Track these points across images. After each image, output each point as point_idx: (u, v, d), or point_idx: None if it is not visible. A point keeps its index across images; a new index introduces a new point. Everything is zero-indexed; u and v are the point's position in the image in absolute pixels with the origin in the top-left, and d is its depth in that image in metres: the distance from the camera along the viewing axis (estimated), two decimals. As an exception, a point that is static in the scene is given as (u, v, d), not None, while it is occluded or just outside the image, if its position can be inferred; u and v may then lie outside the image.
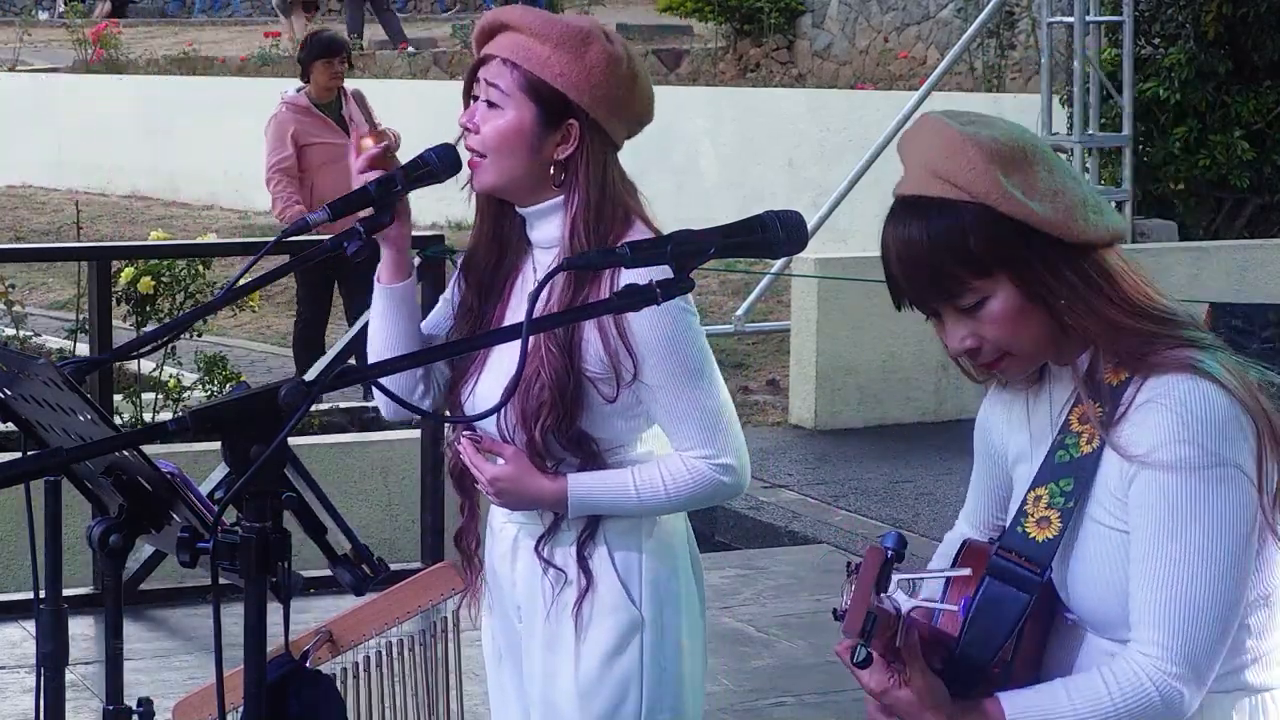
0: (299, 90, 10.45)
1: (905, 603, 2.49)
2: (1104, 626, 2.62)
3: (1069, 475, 2.63)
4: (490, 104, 3.28)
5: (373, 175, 3.29)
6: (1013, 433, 2.78)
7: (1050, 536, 2.62)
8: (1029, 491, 2.66)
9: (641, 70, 3.35)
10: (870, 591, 2.43)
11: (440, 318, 3.47)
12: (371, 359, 3.38)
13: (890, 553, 2.47)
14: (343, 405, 9.38)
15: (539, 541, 3.33)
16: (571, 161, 3.27)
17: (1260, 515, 2.56)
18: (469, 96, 3.34)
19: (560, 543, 3.33)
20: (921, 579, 2.59)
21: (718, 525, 8.48)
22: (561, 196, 3.29)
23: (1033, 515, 2.64)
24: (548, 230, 3.33)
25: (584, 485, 3.25)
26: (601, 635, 3.30)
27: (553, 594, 3.32)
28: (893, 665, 2.50)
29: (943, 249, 2.57)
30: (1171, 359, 2.57)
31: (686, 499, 3.29)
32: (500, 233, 3.38)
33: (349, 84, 10.65)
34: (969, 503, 2.91)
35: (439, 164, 3.30)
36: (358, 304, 9.65)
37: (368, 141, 3.33)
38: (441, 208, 14.93)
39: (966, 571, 2.64)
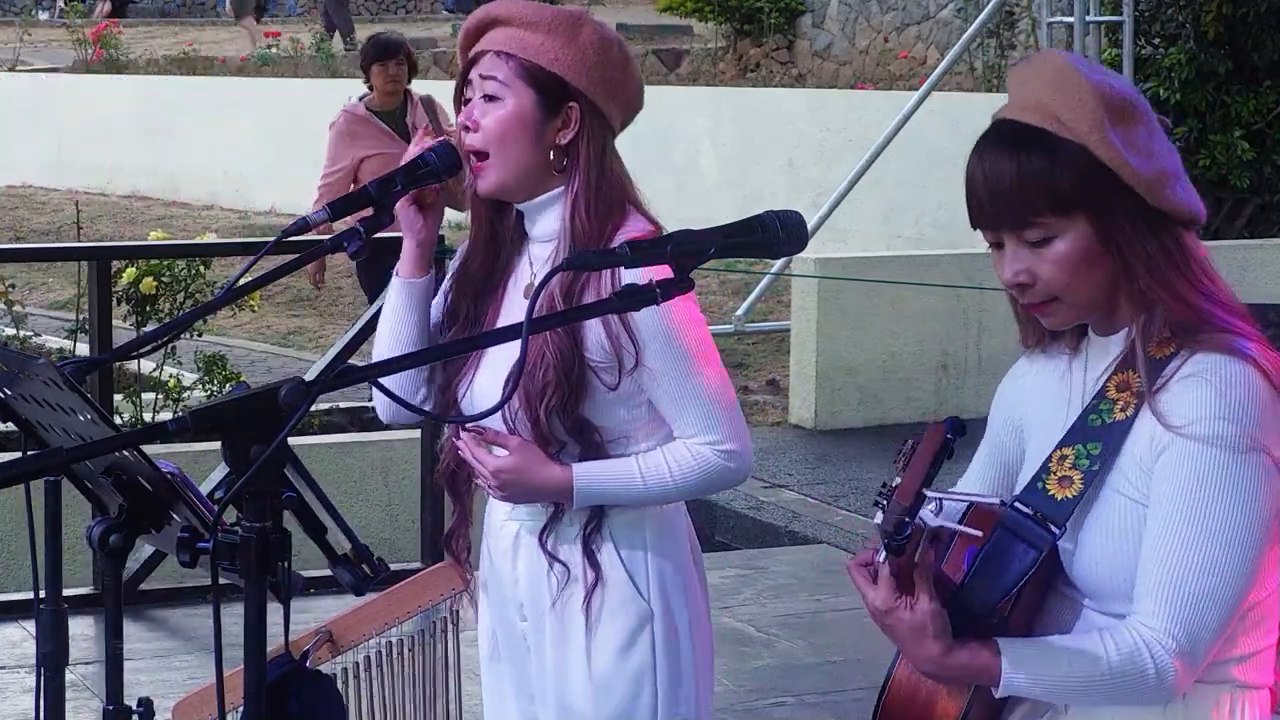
0: (361, 98, 9.87)
1: (931, 520, 2.48)
2: (1103, 597, 2.61)
3: (1098, 440, 2.62)
4: (489, 97, 3.29)
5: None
6: (1037, 402, 2.77)
7: (1070, 496, 2.61)
8: (1055, 450, 2.66)
9: (631, 56, 3.37)
10: (927, 467, 2.43)
11: (434, 316, 3.47)
12: (378, 354, 3.38)
13: (950, 437, 2.46)
14: (343, 405, 9.38)
15: (543, 536, 3.33)
16: (573, 145, 3.28)
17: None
18: (461, 99, 3.34)
19: (564, 538, 3.32)
20: (950, 498, 2.59)
21: (718, 525, 8.47)
22: (562, 186, 3.30)
23: (1056, 473, 2.64)
24: (548, 223, 3.33)
25: (589, 474, 3.25)
26: (613, 629, 3.31)
27: (558, 590, 3.32)
28: (900, 587, 2.50)
29: (1030, 179, 2.57)
30: (1219, 340, 2.57)
31: (693, 486, 3.29)
32: (496, 234, 3.38)
33: (421, 87, 10.08)
34: (971, 473, 2.89)
35: (439, 163, 3.30)
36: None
37: (427, 142, 3.33)
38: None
39: (995, 500, 2.65)
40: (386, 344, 3.39)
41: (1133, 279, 2.60)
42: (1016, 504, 2.65)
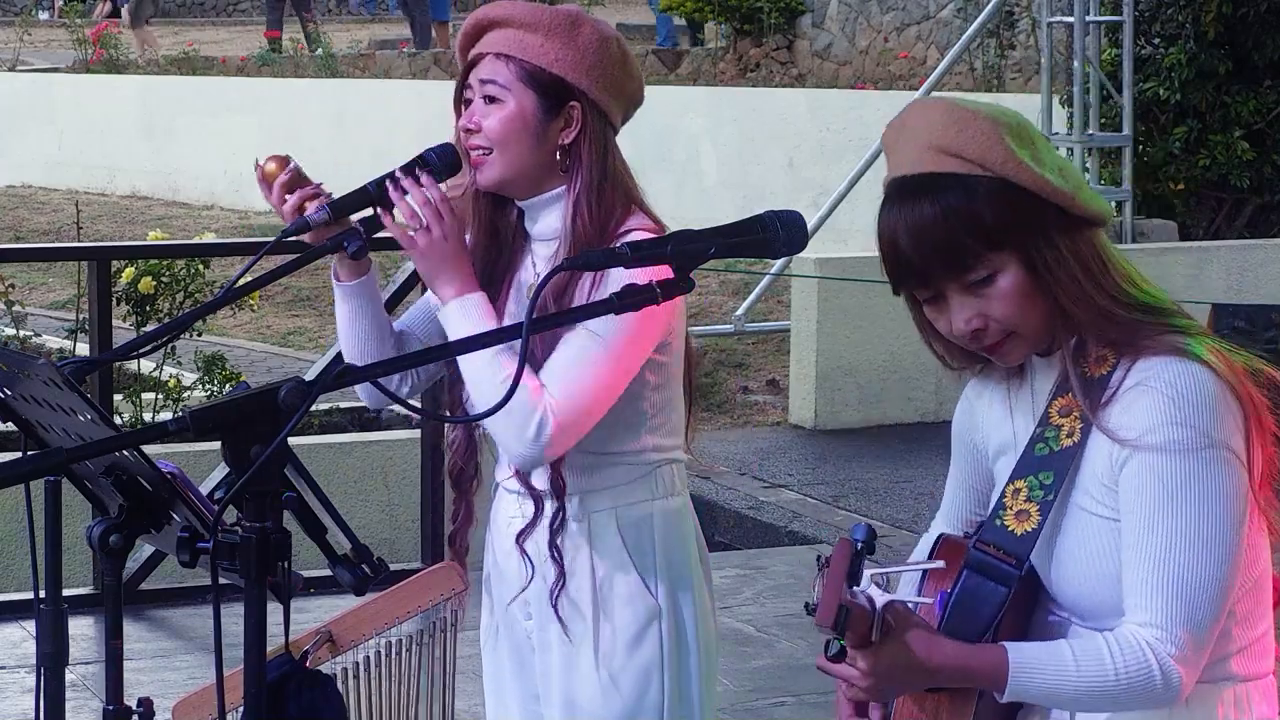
0: None
1: (880, 597, 2.47)
2: (1091, 616, 2.61)
3: (1048, 468, 2.62)
4: (489, 99, 3.28)
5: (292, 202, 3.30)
6: (994, 426, 2.77)
7: (1029, 530, 2.61)
8: (1008, 484, 2.66)
9: (630, 53, 3.36)
10: (842, 584, 2.41)
11: (420, 314, 3.46)
12: (348, 359, 3.39)
13: (860, 544, 2.45)
14: (343, 405, 9.38)
15: (551, 535, 3.32)
16: (575, 145, 3.28)
17: (1250, 498, 2.56)
18: (460, 102, 3.33)
19: (570, 535, 3.32)
20: (895, 572, 2.58)
21: (718, 525, 8.47)
22: (564, 185, 3.29)
23: (1011, 508, 2.63)
24: (549, 221, 3.32)
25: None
26: (621, 625, 3.31)
27: (562, 587, 3.32)
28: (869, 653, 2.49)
29: (956, 222, 2.55)
30: (1159, 343, 2.57)
31: None
32: (497, 231, 3.38)
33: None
34: (946, 501, 2.90)
35: (439, 163, 3.30)
36: None
37: (270, 165, 3.35)
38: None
39: (940, 564, 2.63)
40: (352, 351, 3.40)
41: (1059, 303, 2.58)
42: (978, 543, 2.64)
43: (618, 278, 2.97)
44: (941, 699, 2.61)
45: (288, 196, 3.35)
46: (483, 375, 3.18)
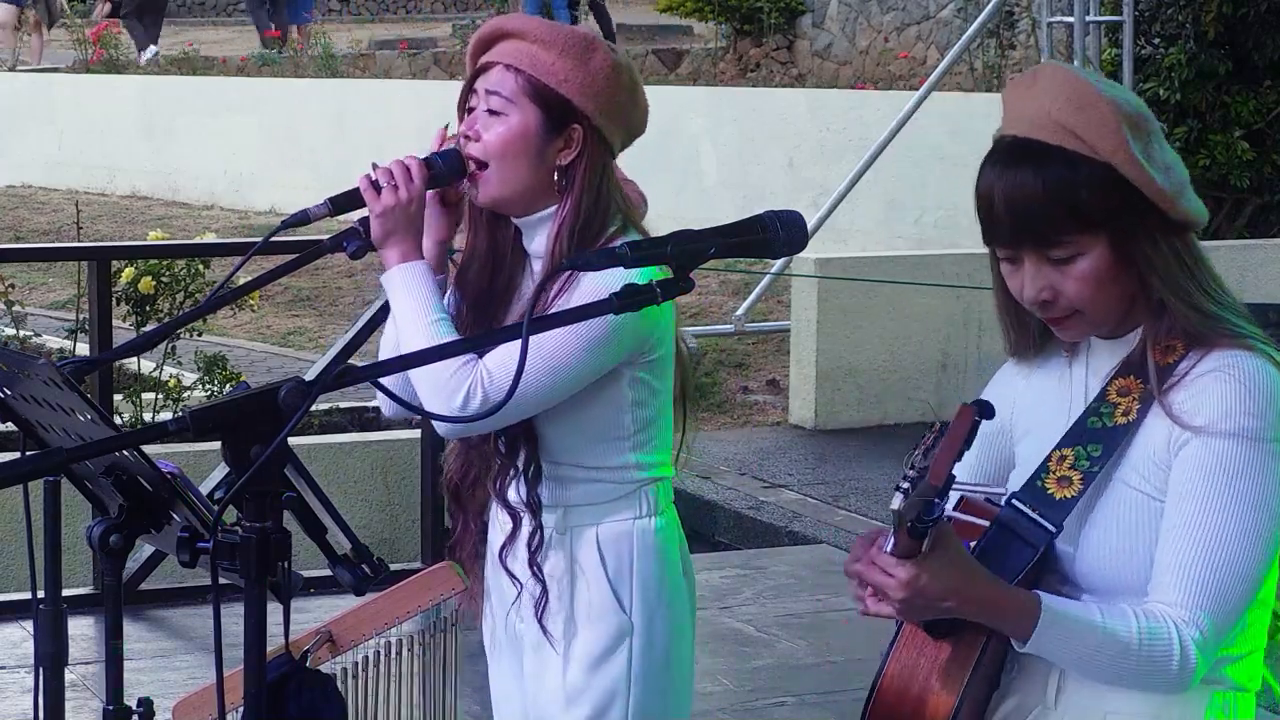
0: None
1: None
2: (1107, 593, 2.60)
3: (1098, 442, 2.62)
4: (492, 111, 3.27)
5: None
6: (1031, 405, 2.77)
7: (1069, 496, 2.61)
8: (1054, 450, 2.65)
9: (640, 82, 3.36)
10: (958, 450, 2.39)
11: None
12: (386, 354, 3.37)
13: (978, 418, 2.43)
14: (343, 405, 9.38)
15: (531, 553, 3.32)
16: (572, 167, 3.27)
17: None
18: (465, 109, 3.33)
19: (552, 549, 3.32)
20: (957, 491, 2.54)
21: (718, 525, 8.47)
22: (556, 205, 3.29)
23: (1055, 473, 2.64)
24: (543, 240, 3.31)
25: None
26: (590, 639, 3.30)
27: (543, 596, 3.31)
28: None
29: (1054, 198, 2.56)
30: (1235, 339, 2.59)
31: None
32: (495, 245, 3.37)
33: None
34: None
35: (443, 167, 3.29)
36: None
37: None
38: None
39: (1002, 490, 2.63)
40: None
41: (1149, 290, 2.60)
42: (1014, 501, 2.64)
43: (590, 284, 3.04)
44: (945, 645, 2.58)
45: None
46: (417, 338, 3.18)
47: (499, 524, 3.40)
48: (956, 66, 13.35)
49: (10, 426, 2.78)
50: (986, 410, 2.46)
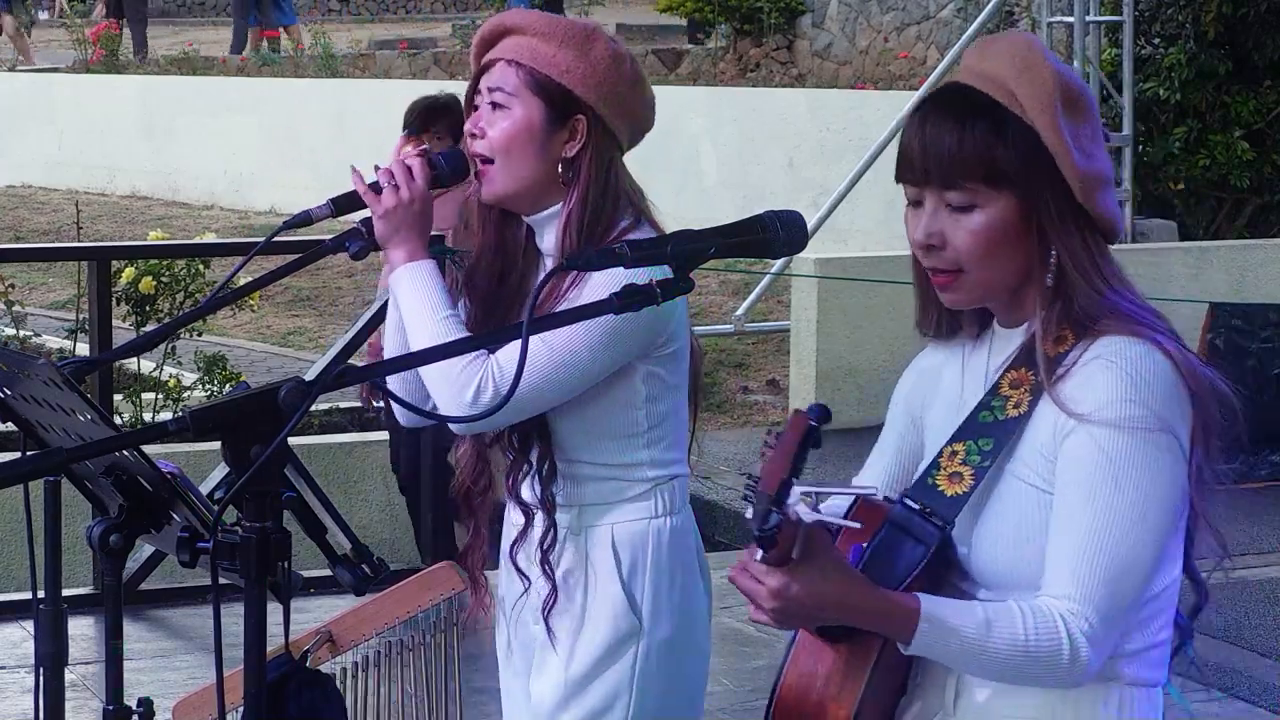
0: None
1: (808, 516, 2.41)
2: (1002, 588, 2.57)
3: (989, 435, 2.59)
4: (496, 105, 3.27)
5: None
6: (938, 394, 2.75)
7: (960, 492, 2.58)
8: (945, 446, 2.63)
9: (643, 75, 3.36)
10: (792, 455, 2.34)
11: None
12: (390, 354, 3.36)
13: (814, 424, 2.38)
14: (343, 405, 9.38)
15: (544, 552, 3.30)
16: (577, 159, 3.27)
17: (1184, 496, 2.54)
18: (471, 107, 3.33)
19: (567, 547, 3.31)
20: (827, 493, 2.51)
21: (718, 525, 8.47)
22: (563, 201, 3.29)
23: (946, 469, 2.61)
24: (553, 237, 3.30)
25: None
26: (596, 639, 3.27)
27: (551, 595, 3.30)
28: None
29: (971, 144, 2.56)
30: (1124, 326, 2.56)
31: None
32: (504, 243, 3.36)
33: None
34: (870, 466, 2.84)
35: (446, 168, 3.29)
36: None
37: (409, 150, 3.32)
38: (441, 208, 14.90)
39: (874, 489, 2.58)
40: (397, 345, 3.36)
41: (1046, 267, 2.57)
42: (905, 499, 2.62)
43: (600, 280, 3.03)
44: (841, 649, 2.55)
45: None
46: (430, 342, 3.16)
47: (512, 522, 3.39)
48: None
49: (10, 426, 2.78)
50: (821, 415, 2.40)
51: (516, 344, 3.10)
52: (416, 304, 3.22)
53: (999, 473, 2.59)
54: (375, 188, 3.24)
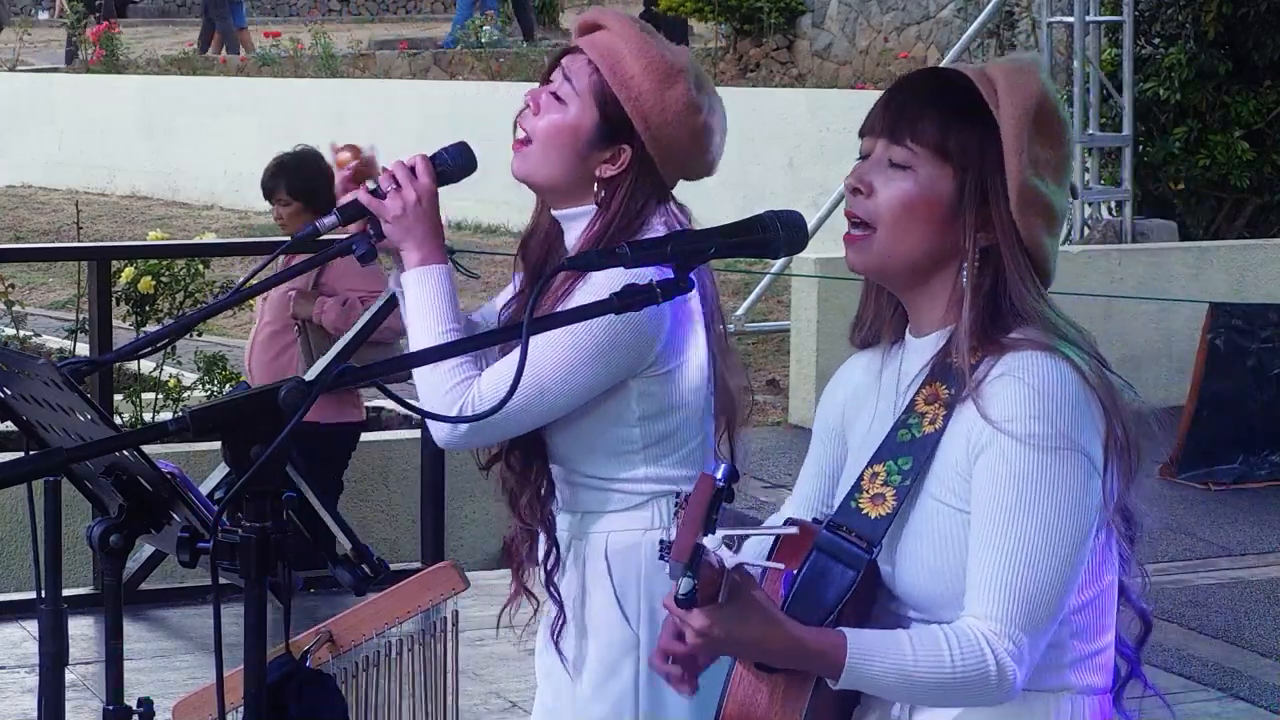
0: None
1: (730, 559, 2.40)
2: (929, 608, 2.57)
3: (908, 454, 2.59)
4: (556, 96, 3.26)
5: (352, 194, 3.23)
6: (858, 410, 2.75)
7: (884, 514, 2.58)
8: (866, 468, 2.63)
9: (714, 130, 3.30)
10: (701, 520, 2.33)
11: (496, 304, 3.43)
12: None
13: (721, 483, 2.35)
14: (343, 405, 9.36)
15: (548, 573, 3.28)
16: (613, 184, 3.25)
17: (1101, 509, 2.54)
18: (548, 76, 3.30)
19: (566, 559, 3.29)
20: (747, 535, 2.52)
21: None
22: (592, 205, 3.26)
23: (868, 491, 2.61)
24: (575, 238, 3.29)
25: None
26: (599, 654, 3.26)
27: (559, 617, 3.29)
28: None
29: (934, 111, 2.59)
30: (1034, 339, 2.55)
31: None
32: (556, 223, 3.35)
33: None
34: (799, 487, 2.84)
35: (451, 163, 3.28)
36: None
37: (343, 154, 3.31)
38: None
39: (794, 530, 2.56)
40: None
41: (965, 262, 2.57)
42: (830, 525, 2.61)
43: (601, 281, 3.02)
44: (778, 677, 2.54)
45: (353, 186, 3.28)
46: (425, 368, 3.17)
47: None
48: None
49: (10, 426, 2.78)
50: (730, 474, 2.36)
51: (499, 372, 3.11)
52: (421, 313, 3.21)
53: (918, 492, 2.59)
54: (377, 193, 3.23)
